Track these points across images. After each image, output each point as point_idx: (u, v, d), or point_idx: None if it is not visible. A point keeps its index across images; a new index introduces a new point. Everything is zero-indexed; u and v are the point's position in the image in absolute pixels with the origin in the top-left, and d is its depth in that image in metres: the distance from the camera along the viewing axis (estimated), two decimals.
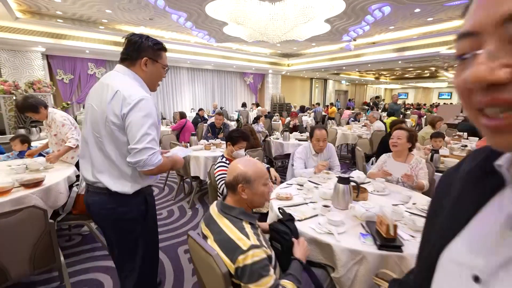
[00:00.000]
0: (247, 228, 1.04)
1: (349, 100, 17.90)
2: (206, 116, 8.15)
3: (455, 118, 7.02)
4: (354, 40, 7.93)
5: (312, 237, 1.43)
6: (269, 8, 4.90)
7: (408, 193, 1.99)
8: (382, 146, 3.76)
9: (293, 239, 1.27)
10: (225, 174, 2.02)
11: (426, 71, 14.54)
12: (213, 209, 1.15)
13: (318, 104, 13.63)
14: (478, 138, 4.56)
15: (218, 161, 2.15)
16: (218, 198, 2.26)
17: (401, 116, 8.24)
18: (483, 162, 0.38)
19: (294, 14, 4.96)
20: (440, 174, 0.75)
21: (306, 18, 4.94)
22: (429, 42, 7.48)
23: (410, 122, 8.10)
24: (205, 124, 7.11)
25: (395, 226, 1.36)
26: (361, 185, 2.00)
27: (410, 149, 2.38)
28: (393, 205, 1.85)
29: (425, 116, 10.17)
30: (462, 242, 0.35)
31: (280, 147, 4.61)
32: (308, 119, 9.35)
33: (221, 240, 1.00)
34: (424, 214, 1.73)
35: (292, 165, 3.34)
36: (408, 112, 11.90)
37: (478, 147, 0.41)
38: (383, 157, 2.55)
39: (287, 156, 4.73)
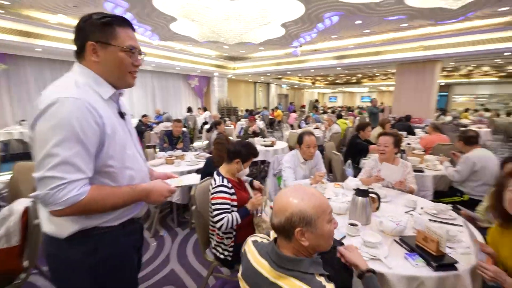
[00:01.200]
0: (328, 285, 0.75)
1: (290, 103, 18.86)
2: (152, 123, 7.21)
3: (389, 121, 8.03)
4: (301, 46, 8.29)
5: None
6: (225, 6, 4.56)
7: (411, 198, 1.98)
8: (353, 149, 3.90)
9: (339, 248, 1.02)
10: (228, 204, 1.64)
11: (354, 78, 16.50)
12: (259, 262, 0.82)
13: (265, 107, 13.86)
14: (413, 136, 5.29)
15: (216, 183, 1.70)
16: (210, 230, 1.81)
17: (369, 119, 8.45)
18: None
19: (251, 15, 4.75)
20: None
21: (264, 21, 4.79)
22: (363, 52, 8.39)
23: (348, 122, 8.97)
24: (152, 132, 6.26)
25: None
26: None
27: (396, 153, 2.43)
28: (406, 212, 1.80)
29: (358, 117, 11.44)
30: None
31: None
32: (259, 123, 9.33)
33: None
34: (441, 220, 1.74)
35: (275, 175, 3.13)
36: (343, 113, 13.21)
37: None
38: (371, 162, 2.55)
39: (253, 164, 4.50)
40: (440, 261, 1.22)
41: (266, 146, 4.60)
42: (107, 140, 0.87)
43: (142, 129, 6.37)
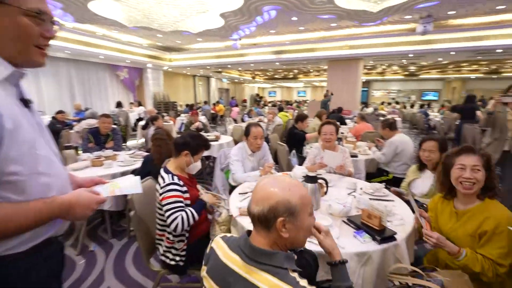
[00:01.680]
0: (301, 281, 0.70)
1: (232, 98, 18.79)
2: (71, 121, 6.11)
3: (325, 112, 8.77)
4: (240, 39, 8.24)
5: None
6: None
7: (351, 180, 2.16)
8: (292, 139, 4.08)
9: (313, 231, 0.96)
10: (180, 201, 1.48)
11: (290, 73, 17.45)
12: (230, 257, 0.77)
13: (205, 102, 13.41)
14: (345, 125, 5.89)
15: (165, 181, 1.48)
16: (158, 235, 1.60)
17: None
18: None
19: (187, 1, 4.44)
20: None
21: (202, 8, 4.53)
22: (299, 48, 8.89)
23: (288, 115, 9.48)
24: (72, 131, 5.29)
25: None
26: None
27: None
28: (348, 194, 1.94)
29: (296, 110, 12.20)
30: None
31: None
32: (201, 118, 8.97)
33: None
34: (378, 197, 1.93)
35: (222, 169, 3.00)
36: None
37: None
38: (314, 150, 2.68)
39: None
40: (383, 235, 1.32)
41: (210, 141, 4.39)
42: (6, 138, 0.62)
43: (58, 128, 5.32)
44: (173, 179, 1.50)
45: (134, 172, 2.62)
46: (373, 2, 4.49)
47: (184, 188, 1.54)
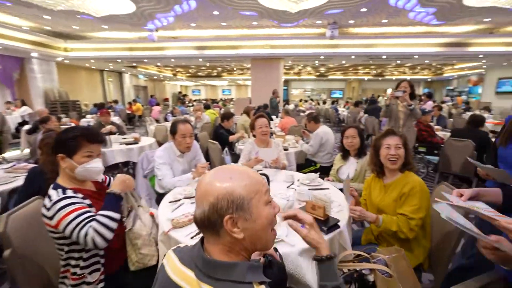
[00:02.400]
0: None
1: (151, 96, 17.06)
2: None
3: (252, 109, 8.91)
4: (157, 30, 7.46)
5: None
6: None
7: (287, 173, 2.15)
8: (217, 138, 3.91)
9: (289, 222, 0.82)
10: (86, 212, 1.10)
11: (214, 71, 17.15)
12: (181, 273, 0.60)
13: (116, 101, 11.70)
14: (272, 121, 6.12)
15: (52, 200, 1.05)
16: (61, 273, 1.16)
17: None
18: None
19: None
20: None
21: None
22: (222, 45, 8.75)
23: (216, 113, 9.28)
24: None
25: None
26: None
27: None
28: (287, 187, 1.91)
29: (222, 109, 12.12)
30: None
31: (103, 157, 3.36)
32: (114, 119, 7.74)
33: None
34: (315, 187, 1.96)
35: (145, 176, 2.55)
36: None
37: None
38: (248, 146, 2.59)
39: (114, 167, 3.60)
40: (328, 224, 1.32)
41: (128, 144, 3.78)
42: None
43: None
44: (64, 193, 1.10)
45: (14, 191, 1.92)
46: (293, 1, 4.75)
47: (88, 201, 1.16)
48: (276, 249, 1.04)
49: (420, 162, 4.50)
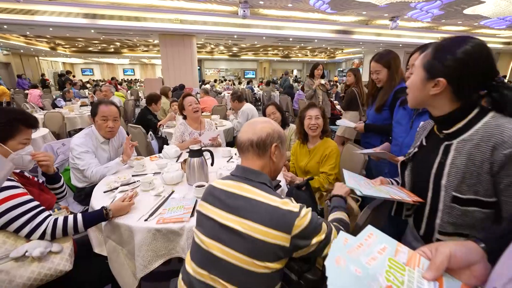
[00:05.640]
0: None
1: (19, 76, 13.04)
2: None
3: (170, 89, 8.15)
4: None
5: None
6: None
7: (224, 149, 2.21)
8: (143, 124, 3.53)
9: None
10: (32, 200, 1.01)
11: (111, 46, 14.58)
12: (223, 182, 0.88)
13: None
14: None
15: None
16: None
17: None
18: None
19: None
20: None
21: None
22: (121, 15, 7.47)
23: (124, 96, 8.07)
24: None
25: None
26: None
27: None
28: (227, 162, 1.98)
29: (129, 91, 10.69)
30: None
31: None
32: None
33: (263, 213, 0.75)
34: None
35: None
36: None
37: None
38: (180, 127, 2.47)
39: None
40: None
41: None
42: None
43: None
44: None
45: None
46: None
47: (21, 189, 1.02)
48: None
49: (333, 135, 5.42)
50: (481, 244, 0.50)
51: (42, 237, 0.97)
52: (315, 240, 0.76)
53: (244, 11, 7.06)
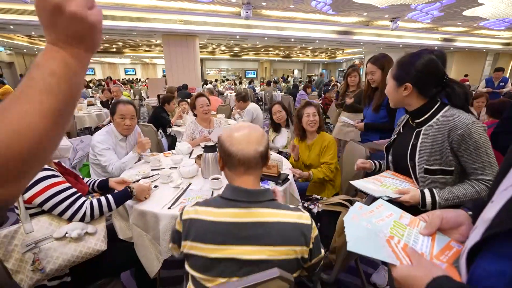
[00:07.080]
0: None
1: (22, 75, 13.17)
2: None
3: (165, 89, 8.27)
4: None
5: None
6: None
7: None
8: (157, 122, 3.67)
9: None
10: (70, 188, 1.14)
11: (113, 46, 14.71)
12: (222, 212, 0.78)
13: None
14: None
15: None
16: None
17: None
18: None
19: None
20: None
21: None
22: (124, 15, 7.58)
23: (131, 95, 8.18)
24: None
25: None
26: None
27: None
28: None
29: (132, 91, 10.83)
30: None
31: None
32: None
33: (284, 234, 0.76)
34: None
35: (74, 167, 2.19)
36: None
37: None
38: (191, 125, 2.59)
39: None
40: (281, 179, 1.63)
41: None
42: None
43: None
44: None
45: None
46: None
47: (61, 177, 1.15)
48: None
49: (327, 130, 5.55)
50: (468, 212, 0.62)
51: (82, 219, 1.11)
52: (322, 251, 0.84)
53: (247, 12, 7.18)
